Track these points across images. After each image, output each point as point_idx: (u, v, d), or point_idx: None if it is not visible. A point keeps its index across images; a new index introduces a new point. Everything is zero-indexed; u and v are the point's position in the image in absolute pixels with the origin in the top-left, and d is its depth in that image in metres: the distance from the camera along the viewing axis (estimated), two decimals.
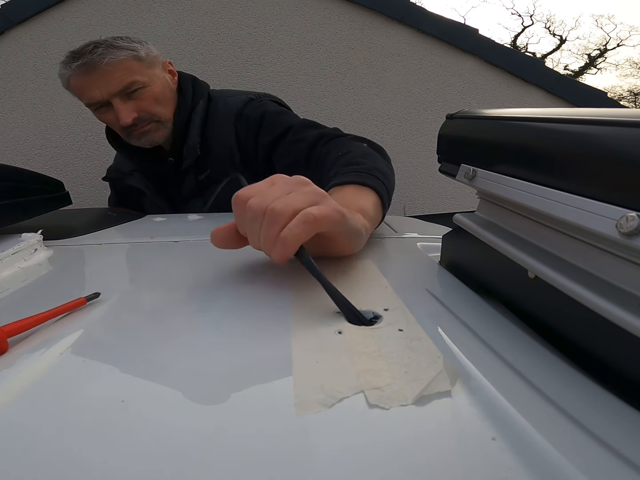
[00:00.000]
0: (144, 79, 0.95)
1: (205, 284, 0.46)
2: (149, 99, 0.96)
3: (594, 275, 0.28)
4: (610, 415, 0.23)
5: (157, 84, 0.98)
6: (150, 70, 0.97)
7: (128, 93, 0.94)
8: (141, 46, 0.96)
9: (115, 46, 0.92)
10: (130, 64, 0.94)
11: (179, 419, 0.23)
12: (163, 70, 1.02)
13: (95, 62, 0.89)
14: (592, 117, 0.29)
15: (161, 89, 0.99)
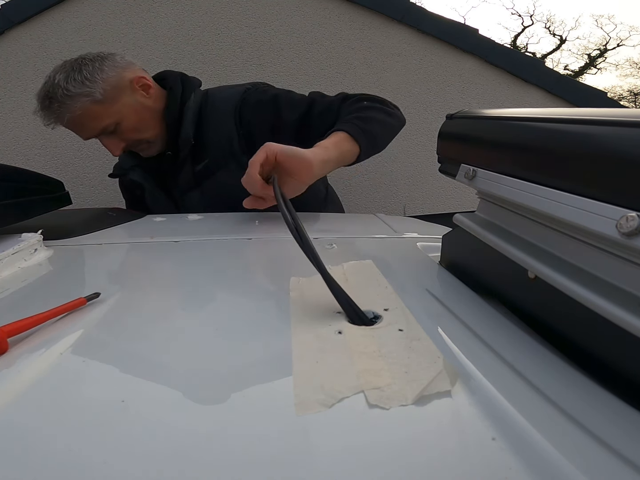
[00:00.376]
0: (112, 119, 0.92)
1: (205, 284, 0.46)
2: (127, 132, 0.95)
3: (594, 275, 0.28)
4: (610, 415, 0.23)
5: (129, 114, 0.94)
6: (115, 105, 0.92)
7: (108, 132, 0.93)
8: (95, 84, 0.89)
9: (69, 95, 0.87)
10: (92, 111, 0.89)
11: (178, 419, 0.23)
12: (132, 92, 0.95)
13: (58, 121, 0.90)
14: (592, 117, 0.29)
15: (135, 117, 0.95)
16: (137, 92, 0.96)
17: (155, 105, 0.99)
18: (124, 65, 0.97)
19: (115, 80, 0.92)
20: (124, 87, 0.93)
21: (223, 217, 0.89)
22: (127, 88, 0.94)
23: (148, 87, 0.97)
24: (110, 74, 0.92)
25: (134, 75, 0.96)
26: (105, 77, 0.90)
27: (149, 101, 0.97)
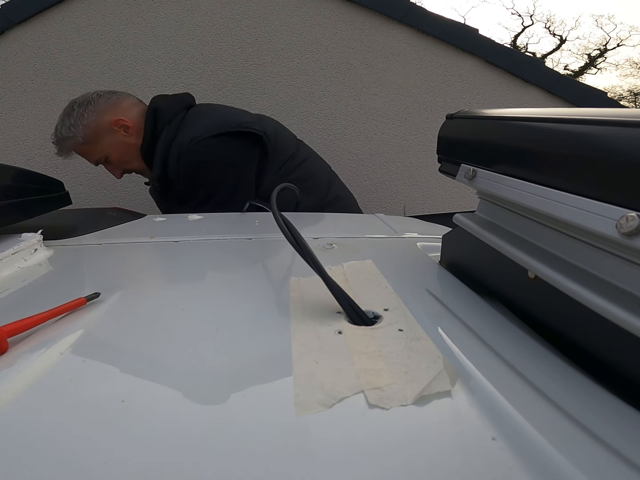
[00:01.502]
0: (99, 155, 1.09)
1: (205, 284, 0.46)
2: (117, 165, 1.11)
3: (594, 275, 0.28)
4: (610, 415, 0.23)
5: (113, 151, 1.09)
6: (99, 144, 1.08)
7: (104, 162, 1.10)
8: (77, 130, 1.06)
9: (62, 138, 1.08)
10: (80, 150, 1.10)
11: (179, 419, 0.23)
12: (113, 133, 1.09)
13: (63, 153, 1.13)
14: (592, 117, 0.29)
15: (119, 153, 1.09)
16: (118, 132, 1.10)
17: (137, 142, 1.11)
18: (105, 109, 1.10)
19: (95, 125, 1.08)
20: (103, 129, 1.09)
21: (223, 217, 0.89)
22: (107, 130, 1.09)
23: (127, 127, 1.10)
24: (90, 119, 1.07)
25: (113, 118, 1.09)
26: (86, 123, 1.07)
27: (130, 139, 1.10)
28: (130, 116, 1.11)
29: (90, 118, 1.07)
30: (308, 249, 0.38)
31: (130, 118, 1.11)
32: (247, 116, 1.17)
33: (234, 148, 1.05)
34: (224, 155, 1.05)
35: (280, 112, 1.79)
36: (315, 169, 1.21)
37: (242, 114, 1.19)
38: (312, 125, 1.84)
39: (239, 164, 1.06)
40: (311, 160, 1.22)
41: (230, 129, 1.05)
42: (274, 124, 1.20)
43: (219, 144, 1.04)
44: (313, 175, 1.17)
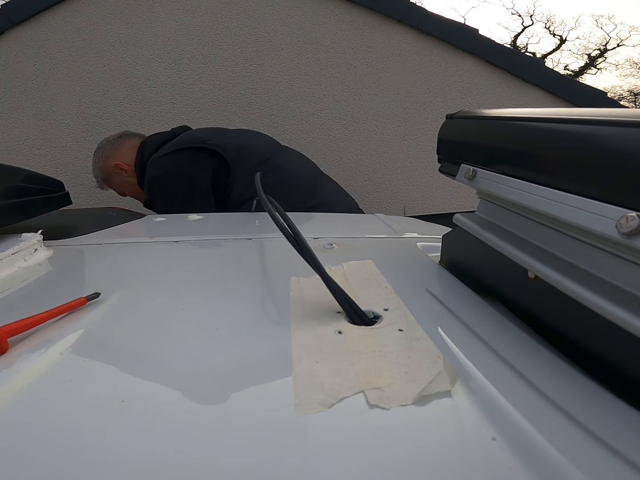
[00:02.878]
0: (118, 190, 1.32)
1: (205, 284, 0.46)
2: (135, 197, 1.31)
3: (594, 275, 0.28)
4: (610, 415, 0.23)
5: (124, 188, 1.29)
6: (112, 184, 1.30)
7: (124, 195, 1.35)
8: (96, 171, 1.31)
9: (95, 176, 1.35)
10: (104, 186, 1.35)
11: (179, 419, 0.23)
12: (117, 174, 1.28)
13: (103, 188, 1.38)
14: (592, 117, 0.29)
15: (128, 190, 1.28)
16: (120, 173, 1.28)
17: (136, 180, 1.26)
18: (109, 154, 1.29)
19: (104, 168, 1.29)
20: (111, 172, 1.28)
21: (223, 217, 0.89)
22: (113, 172, 1.28)
23: (125, 170, 1.27)
24: (100, 163, 1.29)
25: (114, 162, 1.28)
26: (100, 166, 1.29)
27: (130, 179, 1.27)
28: (127, 159, 1.28)
29: (100, 163, 1.29)
30: (308, 248, 0.38)
31: (126, 161, 1.27)
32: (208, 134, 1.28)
33: (186, 161, 1.17)
34: (176, 167, 1.17)
35: (280, 112, 1.79)
36: (291, 176, 1.23)
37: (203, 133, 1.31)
38: (312, 125, 1.84)
39: (191, 174, 1.16)
40: (288, 167, 1.25)
41: (182, 146, 1.18)
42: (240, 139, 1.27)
43: (171, 159, 1.17)
44: (288, 181, 1.20)
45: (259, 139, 1.33)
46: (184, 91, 1.76)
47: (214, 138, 1.20)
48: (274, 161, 1.22)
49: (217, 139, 1.20)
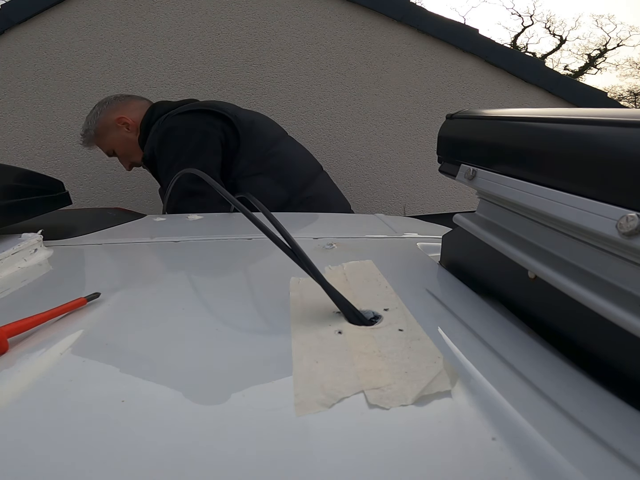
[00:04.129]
0: (108, 147, 1.30)
1: (205, 284, 0.46)
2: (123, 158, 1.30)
3: (594, 275, 0.28)
4: (610, 415, 0.23)
5: (118, 144, 1.28)
6: (106, 138, 1.29)
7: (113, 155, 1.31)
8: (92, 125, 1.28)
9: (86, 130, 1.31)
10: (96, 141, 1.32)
11: (179, 419, 0.23)
12: (117, 129, 1.28)
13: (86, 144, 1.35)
14: (592, 117, 0.29)
15: (123, 147, 1.28)
16: (121, 128, 1.28)
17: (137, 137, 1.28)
18: (115, 108, 1.30)
19: (104, 121, 1.28)
20: (110, 125, 1.28)
21: (223, 217, 0.89)
22: (113, 126, 1.28)
23: (128, 124, 1.28)
24: (101, 116, 1.28)
25: (117, 116, 1.28)
26: (98, 119, 1.28)
27: (130, 135, 1.28)
28: (133, 116, 1.29)
29: (101, 115, 1.27)
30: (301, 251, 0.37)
31: (132, 117, 1.28)
32: (221, 104, 1.30)
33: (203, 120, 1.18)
34: (193, 123, 1.18)
35: (280, 112, 1.79)
36: (294, 163, 1.27)
37: (220, 102, 1.34)
38: (312, 125, 1.84)
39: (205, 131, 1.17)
40: (291, 155, 1.29)
41: (201, 107, 1.21)
42: (253, 116, 1.31)
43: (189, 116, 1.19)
44: (289, 167, 1.24)
45: (269, 122, 1.37)
46: (184, 91, 1.76)
47: (230, 109, 1.24)
48: (279, 146, 1.26)
49: (233, 110, 1.24)
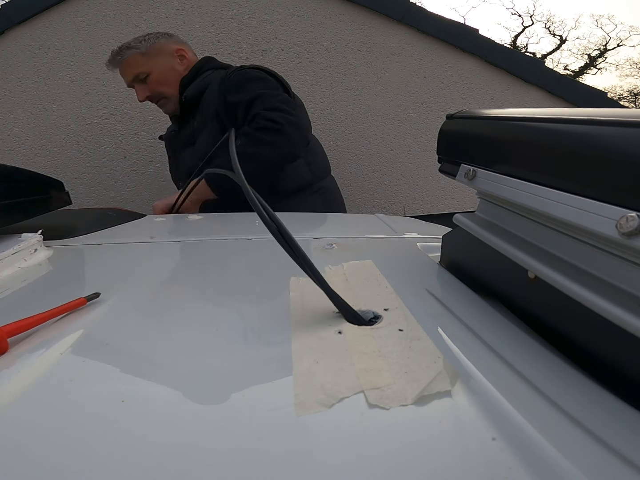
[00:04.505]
0: (145, 69, 1.29)
1: (205, 284, 0.46)
2: (153, 83, 1.30)
3: (594, 275, 0.28)
4: (610, 415, 0.23)
5: (161, 70, 1.30)
6: (152, 60, 1.30)
7: (139, 80, 1.30)
8: (147, 43, 1.29)
9: (128, 47, 1.29)
10: (134, 59, 1.29)
11: (179, 419, 0.23)
12: (170, 57, 1.32)
13: (115, 62, 1.32)
14: (592, 117, 0.29)
15: (163, 73, 1.30)
16: (174, 58, 1.33)
17: (183, 73, 1.33)
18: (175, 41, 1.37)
19: (160, 45, 1.31)
20: (165, 51, 1.32)
21: (223, 217, 0.89)
22: (168, 53, 1.32)
23: (183, 57, 1.34)
24: (160, 41, 1.32)
25: (178, 47, 1.35)
26: (154, 42, 1.31)
27: (179, 67, 1.33)
28: (190, 55, 1.38)
29: (161, 40, 1.32)
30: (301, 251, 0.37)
31: (189, 55, 1.37)
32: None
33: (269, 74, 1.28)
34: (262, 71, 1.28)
35: None
36: (319, 153, 1.42)
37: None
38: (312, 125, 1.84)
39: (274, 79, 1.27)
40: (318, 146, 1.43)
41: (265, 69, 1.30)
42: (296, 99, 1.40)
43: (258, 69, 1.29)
44: (316, 155, 1.38)
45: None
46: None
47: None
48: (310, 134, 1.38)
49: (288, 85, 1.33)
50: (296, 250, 0.36)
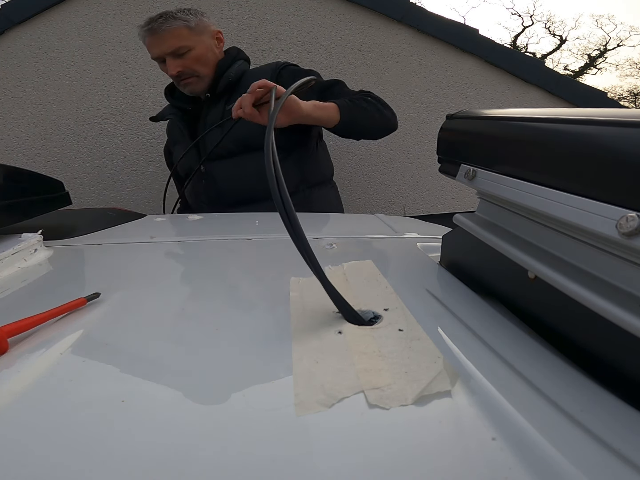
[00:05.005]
0: (189, 43, 1.27)
1: (205, 284, 0.46)
2: (192, 59, 1.29)
3: (594, 275, 0.28)
4: (610, 415, 0.23)
5: (201, 47, 1.31)
6: (197, 36, 1.29)
7: (178, 54, 1.26)
8: (195, 17, 1.29)
9: (174, 17, 1.25)
10: (180, 32, 1.26)
11: (178, 419, 0.23)
12: (211, 38, 1.34)
13: (155, 29, 1.23)
14: (592, 117, 0.29)
15: (204, 52, 1.31)
16: (214, 39, 1.35)
17: (218, 55, 1.37)
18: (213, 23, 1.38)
19: (205, 25, 1.33)
20: (208, 31, 1.34)
21: (223, 217, 0.89)
22: (210, 34, 1.34)
23: (220, 40, 1.38)
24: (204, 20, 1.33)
25: (216, 29, 1.38)
26: (201, 19, 1.31)
27: (216, 50, 1.36)
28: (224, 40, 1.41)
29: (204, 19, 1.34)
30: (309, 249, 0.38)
31: (224, 40, 1.40)
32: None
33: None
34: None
35: None
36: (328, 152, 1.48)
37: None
38: None
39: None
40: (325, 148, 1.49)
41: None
42: None
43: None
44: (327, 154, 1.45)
45: None
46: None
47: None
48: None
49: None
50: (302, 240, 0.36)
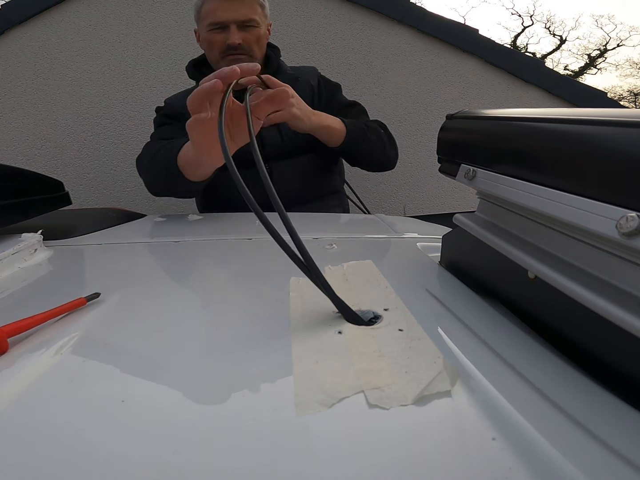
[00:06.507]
0: (259, 20, 1.27)
1: (205, 284, 0.46)
2: (254, 36, 1.27)
3: (594, 275, 0.28)
4: (610, 415, 0.23)
5: (264, 29, 1.31)
6: (263, 17, 1.30)
7: (244, 25, 1.23)
8: (265, 2, 1.29)
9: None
10: (255, 6, 1.25)
11: (179, 419, 0.23)
12: (266, 26, 1.34)
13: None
14: (592, 117, 0.29)
15: (263, 35, 1.31)
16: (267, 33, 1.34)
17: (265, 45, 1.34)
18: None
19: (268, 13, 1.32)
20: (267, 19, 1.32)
21: (223, 217, 0.89)
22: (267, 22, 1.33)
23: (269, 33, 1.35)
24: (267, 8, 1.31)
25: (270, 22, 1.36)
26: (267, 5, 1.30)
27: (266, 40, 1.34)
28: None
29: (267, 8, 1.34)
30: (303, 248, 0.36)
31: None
32: None
33: None
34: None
35: None
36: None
37: None
38: None
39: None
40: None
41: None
42: None
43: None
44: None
45: None
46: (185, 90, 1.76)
47: None
48: None
49: None
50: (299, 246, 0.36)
